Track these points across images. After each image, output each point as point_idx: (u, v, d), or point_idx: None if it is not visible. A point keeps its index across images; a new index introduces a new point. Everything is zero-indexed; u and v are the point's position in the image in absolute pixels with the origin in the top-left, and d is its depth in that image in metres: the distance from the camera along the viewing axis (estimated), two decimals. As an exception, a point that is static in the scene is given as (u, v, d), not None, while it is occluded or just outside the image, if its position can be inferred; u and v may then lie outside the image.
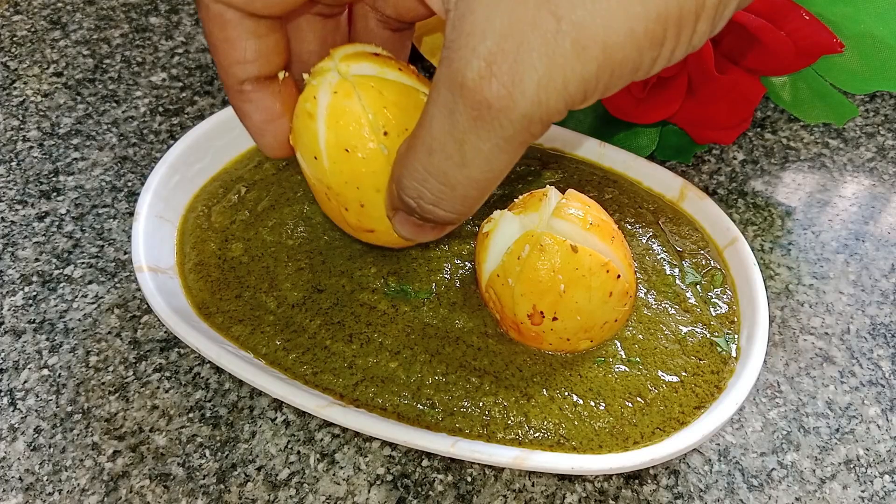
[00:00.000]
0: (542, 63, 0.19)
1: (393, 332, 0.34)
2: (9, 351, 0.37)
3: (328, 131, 0.27)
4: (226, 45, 0.26)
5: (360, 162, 0.28)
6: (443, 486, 0.33)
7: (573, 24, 0.19)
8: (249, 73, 0.27)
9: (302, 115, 0.28)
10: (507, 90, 0.20)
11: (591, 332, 0.32)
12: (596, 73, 0.20)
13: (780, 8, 0.36)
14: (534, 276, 0.30)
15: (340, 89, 0.27)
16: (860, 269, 0.41)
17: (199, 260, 0.37)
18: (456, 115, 0.21)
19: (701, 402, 0.32)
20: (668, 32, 0.19)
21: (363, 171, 0.28)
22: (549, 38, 0.19)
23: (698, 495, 0.33)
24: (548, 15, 0.19)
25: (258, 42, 0.26)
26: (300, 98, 0.28)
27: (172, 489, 0.32)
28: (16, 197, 0.44)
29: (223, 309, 0.35)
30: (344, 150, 0.28)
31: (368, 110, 0.27)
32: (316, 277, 0.36)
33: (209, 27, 0.26)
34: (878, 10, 0.36)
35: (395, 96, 0.28)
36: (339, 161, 0.28)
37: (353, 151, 0.27)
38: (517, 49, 0.19)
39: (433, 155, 0.22)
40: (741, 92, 0.39)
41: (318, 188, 0.30)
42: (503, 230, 0.32)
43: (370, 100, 0.27)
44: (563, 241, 0.30)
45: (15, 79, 0.51)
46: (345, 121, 0.27)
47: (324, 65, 0.28)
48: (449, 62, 0.21)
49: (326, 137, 0.28)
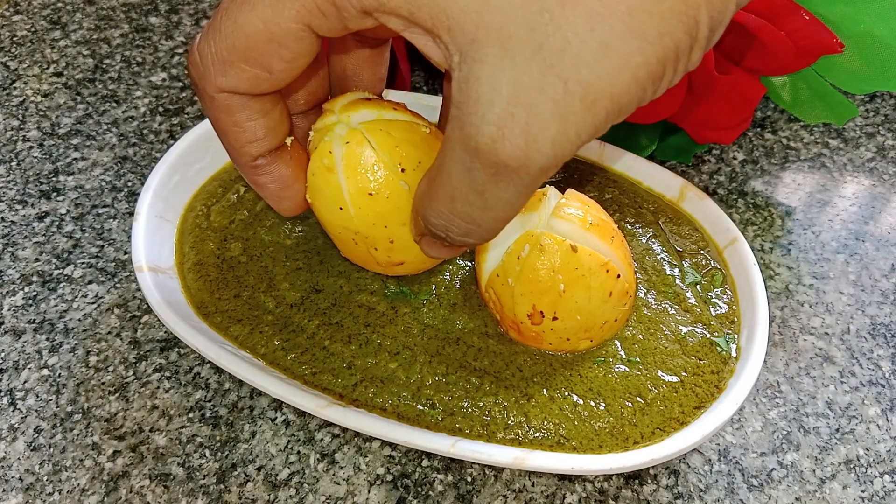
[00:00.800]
0: (554, 123, 0.20)
1: (392, 332, 0.34)
2: (9, 351, 0.37)
3: (349, 181, 0.29)
4: (235, 129, 0.26)
5: (384, 202, 0.29)
6: (443, 486, 0.33)
7: (580, 84, 0.19)
8: (262, 149, 0.27)
9: (321, 171, 0.29)
10: (521, 151, 0.20)
11: (591, 332, 0.32)
12: (605, 119, 0.20)
13: (780, 8, 0.36)
14: (533, 276, 0.30)
15: (352, 139, 0.29)
16: (860, 269, 0.41)
17: (198, 259, 0.37)
18: (474, 172, 0.22)
19: (701, 402, 0.32)
20: (667, 68, 0.20)
21: (388, 210, 0.30)
22: (558, 101, 0.19)
23: (698, 495, 0.33)
24: (555, 79, 0.19)
25: (266, 119, 0.26)
26: (315, 156, 0.29)
27: (172, 489, 0.32)
28: (16, 197, 0.44)
29: (221, 308, 0.35)
30: (368, 195, 0.29)
31: (382, 153, 0.29)
32: (314, 277, 0.36)
33: (216, 115, 0.26)
34: (878, 10, 0.36)
35: (402, 133, 0.29)
36: (365, 206, 0.29)
37: (376, 194, 0.29)
38: (527, 113, 0.20)
39: (455, 202, 0.23)
40: (741, 92, 0.39)
41: (344, 236, 0.31)
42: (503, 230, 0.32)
43: (381, 142, 0.29)
44: (562, 240, 0.30)
45: (15, 79, 0.51)
46: (363, 168, 0.29)
47: (327, 120, 0.29)
48: (460, 125, 0.21)
49: (348, 187, 0.29)
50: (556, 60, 0.19)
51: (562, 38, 0.19)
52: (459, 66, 0.21)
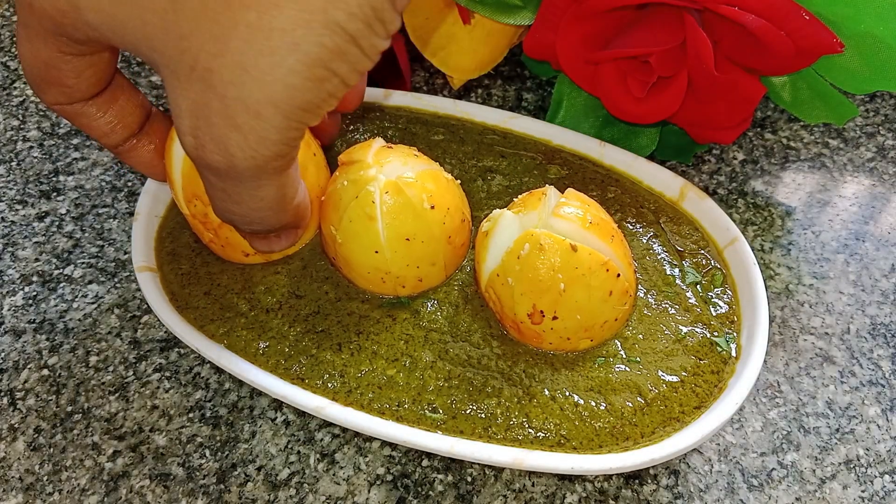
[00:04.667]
0: (232, 131, 0.22)
1: (388, 339, 0.33)
2: (9, 351, 0.37)
3: (388, 228, 0.32)
4: (87, 129, 0.30)
5: (419, 246, 0.32)
6: (443, 486, 0.33)
7: (237, 99, 0.22)
8: (115, 140, 0.31)
9: (361, 219, 0.32)
10: (220, 156, 0.23)
11: (592, 332, 0.32)
12: (286, 119, 0.22)
13: (780, 8, 0.36)
14: (533, 276, 0.30)
15: (391, 189, 0.32)
16: (860, 269, 0.41)
17: (173, 249, 0.37)
18: (204, 176, 0.25)
19: (701, 402, 0.32)
20: (333, 66, 0.22)
21: (422, 253, 0.33)
22: (225, 114, 0.22)
23: (698, 495, 0.33)
24: (214, 96, 0.22)
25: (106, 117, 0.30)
26: (356, 204, 0.32)
27: (172, 489, 0.32)
28: (16, 197, 0.44)
29: (193, 304, 0.34)
30: (405, 240, 0.32)
31: (417, 200, 0.32)
32: (294, 283, 0.35)
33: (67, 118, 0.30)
34: (878, 10, 0.36)
35: (432, 182, 0.33)
36: (400, 250, 0.32)
37: (413, 239, 0.32)
38: (207, 124, 0.22)
39: (216, 201, 0.26)
40: (741, 92, 0.39)
41: (374, 275, 0.33)
42: (502, 229, 0.32)
43: (416, 190, 0.32)
44: (562, 240, 0.30)
45: (15, 79, 0.51)
46: (402, 216, 0.32)
47: (365, 173, 0.32)
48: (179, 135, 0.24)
49: (387, 233, 0.32)
50: (210, 81, 0.21)
51: (205, 61, 0.21)
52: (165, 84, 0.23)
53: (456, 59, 0.45)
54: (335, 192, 0.33)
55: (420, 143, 0.41)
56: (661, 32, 0.38)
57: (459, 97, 0.50)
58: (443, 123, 0.42)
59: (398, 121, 0.42)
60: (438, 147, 0.41)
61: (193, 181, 0.33)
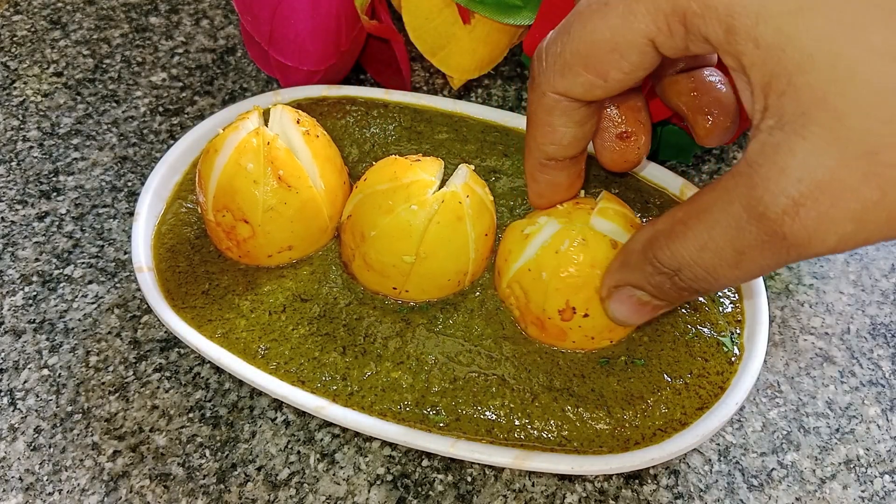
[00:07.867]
0: (851, 224, 0.20)
1: (397, 343, 0.33)
2: (9, 351, 0.37)
3: (474, 229, 0.33)
4: (548, 128, 0.27)
5: (486, 240, 0.34)
6: (443, 486, 0.33)
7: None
8: (559, 154, 0.29)
9: (450, 223, 0.32)
10: (807, 234, 0.20)
11: (614, 332, 0.32)
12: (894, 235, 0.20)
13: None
14: (572, 271, 0.30)
15: (468, 191, 0.33)
16: (860, 269, 0.41)
17: (171, 246, 0.36)
18: (744, 233, 0.21)
19: (704, 404, 0.31)
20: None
21: (489, 245, 0.34)
22: (868, 207, 0.19)
23: (698, 495, 0.33)
24: (875, 188, 0.19)
25: (577, 130, 0.28)
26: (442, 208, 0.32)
27: (172, 489, 0.32)
28: (16, 197, 0.44)
29: (190, 304, 0.34)
30: (484, 236, 0.34)
31: (486, 196, 0.34)
32: (300, 287, 0.35)
33: (536, 109, 0.27)
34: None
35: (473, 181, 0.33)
36: (481, 247, 0.34)
37: (489, 234, 0.34)
38: (832, 205, 0.20)
39: (705, 251, 0.23)
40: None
41: (452, 281, 0.34)
42: (544, 233, 0.32)
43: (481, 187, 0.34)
44: (604, 236, 0.30)
45: (15, 79, 0.51)
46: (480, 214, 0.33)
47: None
48: (751, 185, 0.21)
49: (474, 232, 0.33)
50: (882, 172, 0.19)
51: None
52: (771, 130, 0.20)
53: (456, 59, 0.45)
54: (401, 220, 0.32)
55: (425, 142, 0.41)
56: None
57: (459, 97, 0.50)
58: (446, 122, 0.42)
59: (402, 119, 0.42)
60: (443, 147, 0.41)
61: (229, 193, 0.32)
